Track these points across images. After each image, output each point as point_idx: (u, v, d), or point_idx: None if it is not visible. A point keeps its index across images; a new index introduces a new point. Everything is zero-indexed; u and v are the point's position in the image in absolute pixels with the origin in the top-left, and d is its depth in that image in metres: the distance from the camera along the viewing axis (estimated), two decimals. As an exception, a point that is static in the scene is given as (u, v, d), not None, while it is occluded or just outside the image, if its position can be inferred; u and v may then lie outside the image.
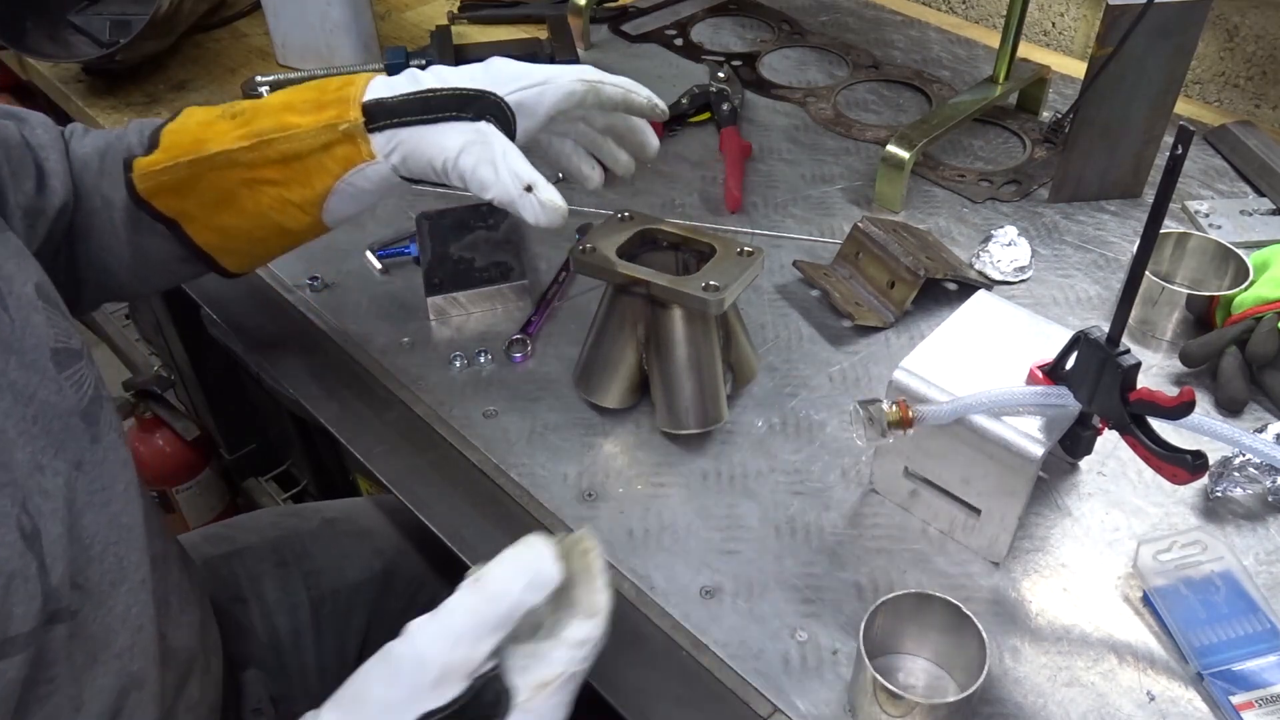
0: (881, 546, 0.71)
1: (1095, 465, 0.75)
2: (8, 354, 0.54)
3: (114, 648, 0.59)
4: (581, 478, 0.76)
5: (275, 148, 0.70)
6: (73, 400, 0.58)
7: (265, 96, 0.74)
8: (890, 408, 0.63)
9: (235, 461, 1.60)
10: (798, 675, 0.64)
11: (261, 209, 0.72)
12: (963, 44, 1.27)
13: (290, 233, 0.75)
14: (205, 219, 0.74)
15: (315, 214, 0.73)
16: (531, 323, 0.89)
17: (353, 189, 0.71)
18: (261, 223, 0.73)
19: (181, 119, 0.74)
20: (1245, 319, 0.79)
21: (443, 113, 0.69)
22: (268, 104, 0.73)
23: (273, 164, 0.71)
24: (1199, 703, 0.62)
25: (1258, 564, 0.69)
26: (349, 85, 0.70)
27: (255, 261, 0.81)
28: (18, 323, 0.56)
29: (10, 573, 0.49)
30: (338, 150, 0.69)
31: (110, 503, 0.59)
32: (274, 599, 0.91)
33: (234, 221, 0.74)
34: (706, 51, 1.28)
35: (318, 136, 0.69)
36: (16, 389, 0.54)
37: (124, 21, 1.26)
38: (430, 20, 1.38)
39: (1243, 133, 1.06)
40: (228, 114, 0.73)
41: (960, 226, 0.99)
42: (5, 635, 0.49)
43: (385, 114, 0.69)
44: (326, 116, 0.69)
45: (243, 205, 0.72)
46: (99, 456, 0.59)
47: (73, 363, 0.59)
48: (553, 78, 0.71)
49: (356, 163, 0.70)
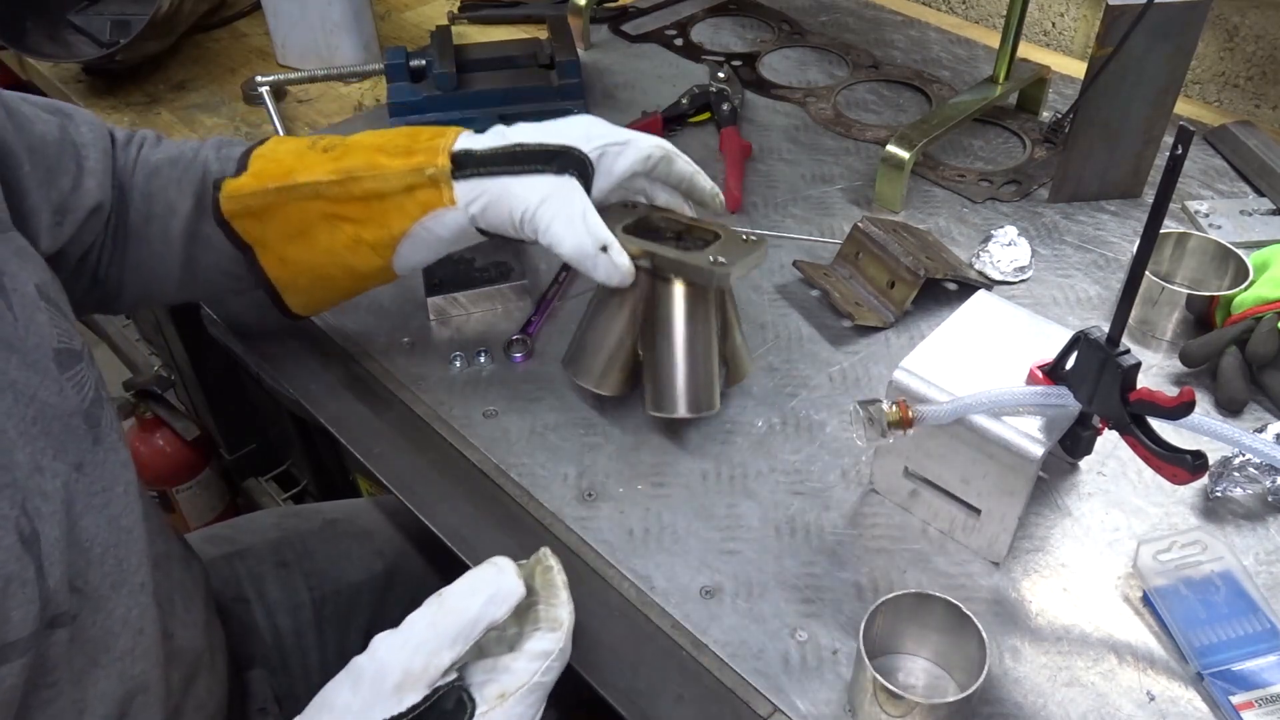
0: (881, 546, 0.71)
1: (1095, 465, 0.75)
2: (9, 353, 0.54)
3: (114, 651, 0.58)
4: (581, 478, 0.76)
5: (361, 185, 0.71)
6: (74, 401, 0.58)
7: (356, 136, 0.75)
8: (890, 408, 0.63)
9: (235, 461, 1.60)
10: (798, 675, 0.64)
11: (335, 246, 0.73)
12: (963, 44, 1.27)
13: (358, 274, 0.75)
14: (279, 249, 0.74)
15: (387, 257, 0.73)
16: (531, 323, 0.89)
17: (427, 235, 0.72)
18: (332, 260, 0.74)
19: (271, 145, 0.76)
20: (1245, 319, 0.79)
21: (529, 164, 0.70)
22: (359, 142, 0.74)
23: (356, 201, 0.71)
24: (1199, 703, 0.62)
25: (1258, 564, 0.69)
26: (440, 136, 0.72)
27: (315, 302, 0.81)
28: (21, 322, 0.56)
29: (7, 576, 0.49)
30: (420, 194, 0.71)
31: (110, 504, 0.59)
32: (276, 599, 0.91)
33: (306, 256, 0.74)
34: (706, 51, 1.28)
35: (403, 179, 0.70)
36: (17, 389, 0.54)
37: (124, 21, 1.26)
38: (430, 20, 1.38)
39: (1243, 133, 1.06)
40: (318, 146, 0.74)
41: (960, 226, 0.99)
42: (4, 640, 0.49)
43: (473, 163, 0.71)
44: (415, 161, 0.71)
45: (317, 239, 0.73)
46: (100, 458, 0.59)
47: (74, 364, 0.59)
48: (633, 140, 0.73)
49: (436, 207, 0.71)
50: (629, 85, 1.21)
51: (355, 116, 1.19)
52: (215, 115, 1.20)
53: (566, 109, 1.13)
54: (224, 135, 1.16)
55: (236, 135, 1.16)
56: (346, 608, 0.94)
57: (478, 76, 1.14)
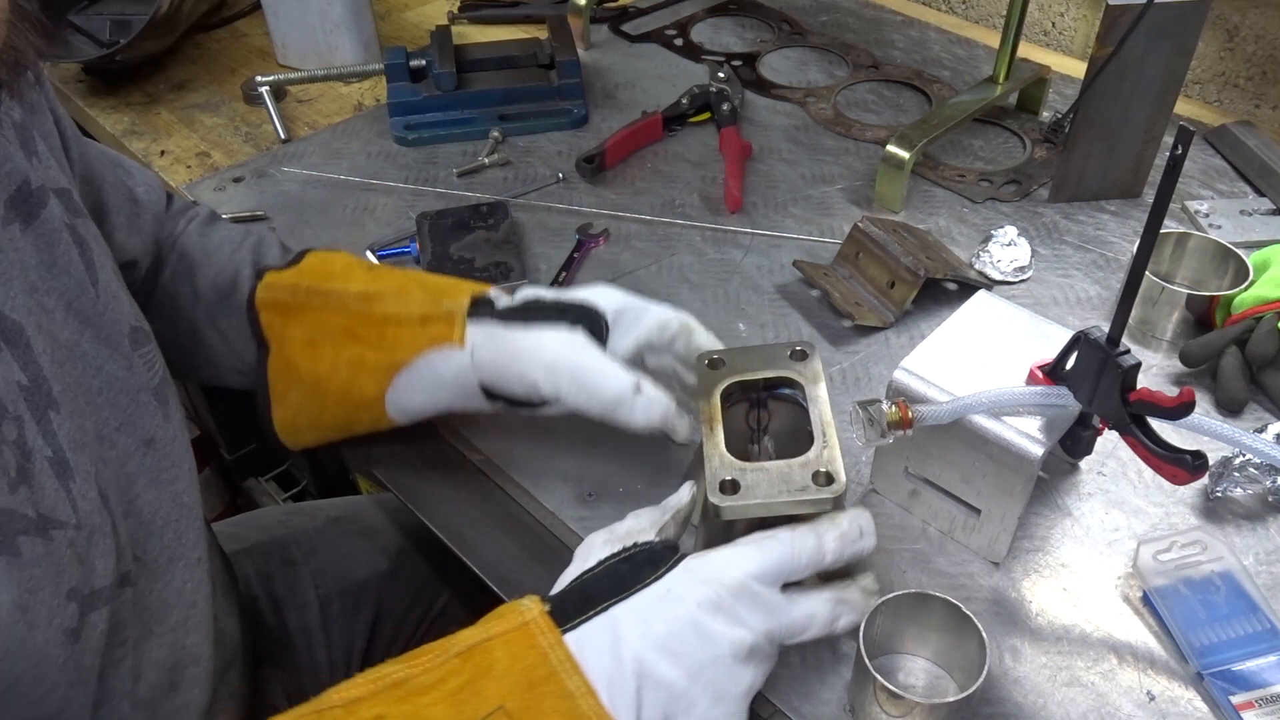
0: (881, 546, 0.71)
1: (1095, 465, 0.75)
2: (85, 326, 0.57)
3: (169, 621, 0.61)
4: (582, 478, 0.76)
5: (384, 306, 0.70)
6: (144, 378, 0.60)
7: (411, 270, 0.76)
8: (890, 408, 0.63)
9: (235, 461, 1.60)
10: (798, 675, 0.64)
11: (339, 361, 0.71)
12: (963, 44, 1.27)
13: (350, 401, 0.72)
14: (290, 353, 0.73)
15: (383, 385, 0.70)
16: (531, 323, 0.89)
17: (429, 372, 0.69)
18: (331, 377, 0.71)
19: (331, 253, 0.76)
20: (1245, 319, 0.79)
21: (541, 317, 0.69)
22: (404, 271, 0.74)
23: (375, 322, 0.70)
24: (1199, 703, 0.62)
25: (1258, 564, 0.69)
26: (479, 286, 0.72)
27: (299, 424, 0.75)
28: (102, 299, 0.59)
29: (93, 527, 0.52)
30: (433, 327, 0.69)
31: (176, 480, 0.61)
32: (283, 597, 0.91)
33: (309, 366, 0.72)
34: (706, 51, 1.28)
35: (423, 307, 0.70)
36: (87, 360, 0.57)
37: (124, 21, 1.26)
38: (430, 20, 1.38)
39: (1243, 133, 1.06)
40: (367, 265, 0.75)
41: (960, 226, 0.99)
42: (92, 587, 0.51)
43: (488, 310, 0.70)
44: (439, 296, 0.70)
45: (323, 353, 0.71)
46: (170, 435, 0.61)
47: (147, 342, 0.62)
48: (651, 306, 0.71)
49: (444, 343, 0.68)
50: (629, 85, 1.22)
51: (355, 116, 1.19)
52: (215, 115, 1.20)
53: (566, 109, 1.14)
54: (225, 137, 1.16)
55: (236, 135, 1.17)
56: (352, 605, 0.94)
57: (478, 76, 1.14)
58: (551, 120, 1.14)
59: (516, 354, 0.67)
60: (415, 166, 1.09)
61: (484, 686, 0.51)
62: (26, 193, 0.56)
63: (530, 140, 1.12)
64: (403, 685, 0.51)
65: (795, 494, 0.57)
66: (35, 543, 0.47)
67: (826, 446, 0.60)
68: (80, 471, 0.52)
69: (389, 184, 1.06)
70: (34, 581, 0.47)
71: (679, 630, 0.52)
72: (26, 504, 0.48)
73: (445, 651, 0.52)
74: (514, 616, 0.53)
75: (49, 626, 0.48)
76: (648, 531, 0.58)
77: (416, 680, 0.52)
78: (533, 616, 0.53)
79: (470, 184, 1.06)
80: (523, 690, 0.51)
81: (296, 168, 1.08)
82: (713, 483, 0.57)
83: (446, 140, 1.12)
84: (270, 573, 0.92)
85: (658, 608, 0.53)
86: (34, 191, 0.57)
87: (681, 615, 0.53)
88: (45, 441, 0.51)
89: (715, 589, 0.53)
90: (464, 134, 1.12)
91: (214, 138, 1.16)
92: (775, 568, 0.55)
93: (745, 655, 0.53)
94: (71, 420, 0.53)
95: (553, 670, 0.51)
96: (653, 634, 0.52)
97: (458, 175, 1.07)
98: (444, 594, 0.98)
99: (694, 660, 0.52)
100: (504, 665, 0.51)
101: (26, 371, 0.51)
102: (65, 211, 0.59)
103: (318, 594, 0.92)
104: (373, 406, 0.71)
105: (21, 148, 0.58)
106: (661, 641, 0.52)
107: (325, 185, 1.06)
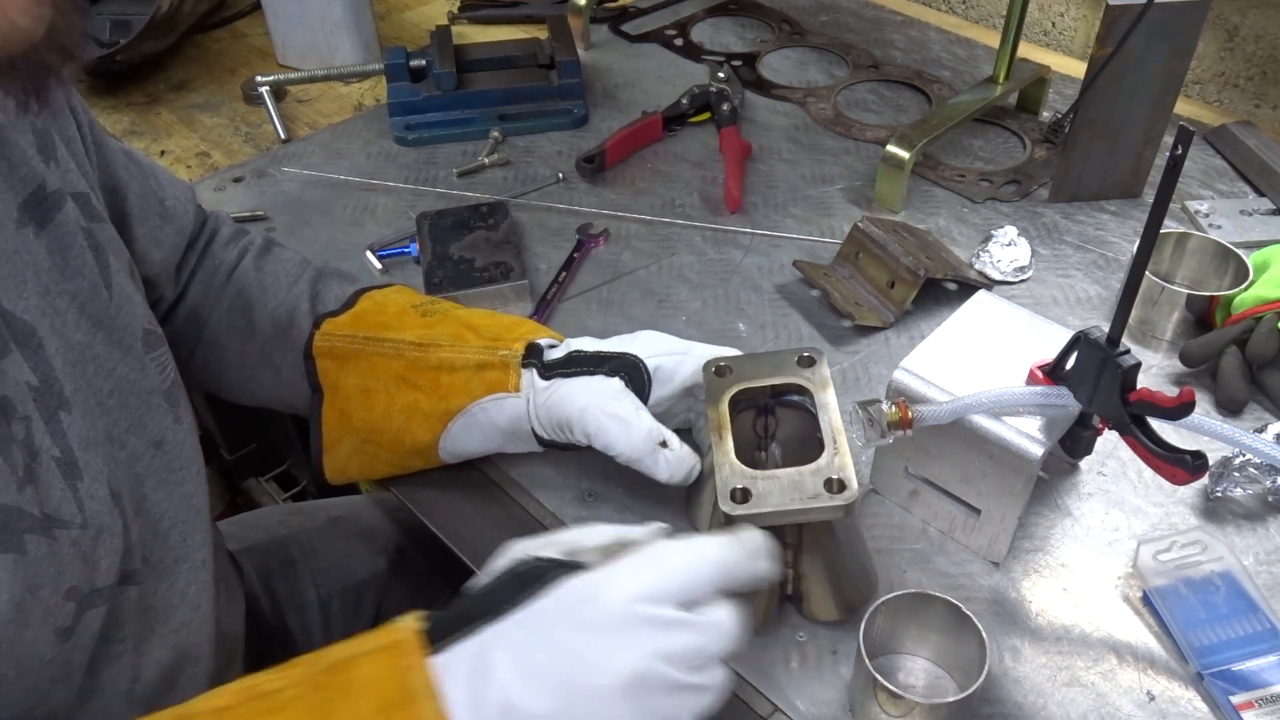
0: (881, 546, 0.71)
1: (1095, 465, 0.75)
2: (97, 328, 0.57)
3: (172, 622, 0.61)
4: (581, 478, 0.76)
5: (439, 353, 0.71)
6: (155, 380, 0.61)
7: (461, 309, 0.75)
8: (890, 408, 0.63)
9: (235, 461, 1.60)
10: (798, 675, 0.64)
11: (392, 409, 0.72)
12: (963, 44, 1.27)
13: (403, 448, 0.73)
14: (343, 402, 0.74)
15: (436, 432, 0.71)
16: (532, 323, 0.89)
17: (483, 417, 0.71)
18: (386, 424, 0.72)
19: (383, 294, 0.76)
20: (1245, 319, 0.79)
21: (582, 367, 0.70)
22: (456, 314, 0.74)
23: (430, 369, 0.71)
24: (1199, 703, 0.62)
25: (1258, 564, 0.69)
26: (535, 331, 0.73)
27: (349, 469, 0.76)
28: (115, 302, 0.59)
29: (101, 525, 0.52)
30: (489, 374, 0.70)
31: (185, 482, 0.62)
32: (283, 597, 0.91)
33: (363, 415, 0.73)
34: (706, 51, 1.28)
35: (478, 354, 0.71)
36: (99, 362, 0.57)
37: (124, 21, 1.26)
38: (430, 20, 1.38)
39: (1243, 133, 1.06)
40: (421, 309, 0.75)
41: (960, 226, 0.99)
42: (93, 586, 0.51)
43: (538, 358, 0.70)
44: (495, 342, 0.71)
45: (377, 400, 0.72)
46: (180, 437, 0.62)
47: (159, 345, 0.62)
48: (693, 349, 0.71)
49: (499, 390, 0.70)
50: (629, 85, 1.22)
51: (355, 116, 1.19)
52: (215, 115, 1.20)
53: (566, 109, 1.14)
54: (225, 137, 1.16)
55: (236, 135, 1.17)
56: (352, 606, 0.94)
57: (478, 76, 1.14)
58: (551, 120, 1.14)
59: (551, 403, 0.69)
60: (415, 166, 1.09)
61: (340, 707, 0.46)
62: (42, 196, 0.57)
63: (530, 140, 1.12)
64: (269, 698, 0.47)
65: (807, 501, 0.57)
66: (40, 541, 0.48)
67: (838, 453, 0.59)
68: (89, 471, 0.53)
69: (389, 184, 1.06)
70: (35, 579, 0.47)
71: (552, 657, 0.46)
72: (33, 503, 0.48)
73: (315, 664, 0.48)
74: (388, 634, 0.48)
75: (41, 625, 0.48)
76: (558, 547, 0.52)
77: (282, 694, 0.47)
78: (405, 635, 0.48)
79: (470, 184, 1.06)
80: (373, 714, 0.46)
81: (296, 168, 1.08)
82: (724, 491, 0.57)
83: (446, 140, 1.12)
84: (270, 572, 0.92)
85: (532, 630, 0.47)
86: (50, 195, 0.57)
87: (558, 639, 0.47)
88: (54, 441, 0.51)
89: (600, 609, 0.47)
90: (464, 134, 1.12)
91: (214, 138, 1.17)
92: (672, 587, 0.48)
93: (630, 685, 0.45)
94: (83, 420, 0.54)
95: (410, 695, 0.46)
96: (523, 661, 0.46)
97: (458, 175, 1.07)
98: (444, 594, 0.98)
99: (569, 690, 0.46)
100: (361, 686, 0.47)
101: (37, 372, 0.52)
102: (82, 215, 0.59)
103: (318, 594, 0.92)
104: (425, 451, 0.73)
105: (40, 152, 0.58)
106: (531, 669, 0.46)
107: (325, 185, 1.06)
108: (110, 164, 0.70)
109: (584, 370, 0.70)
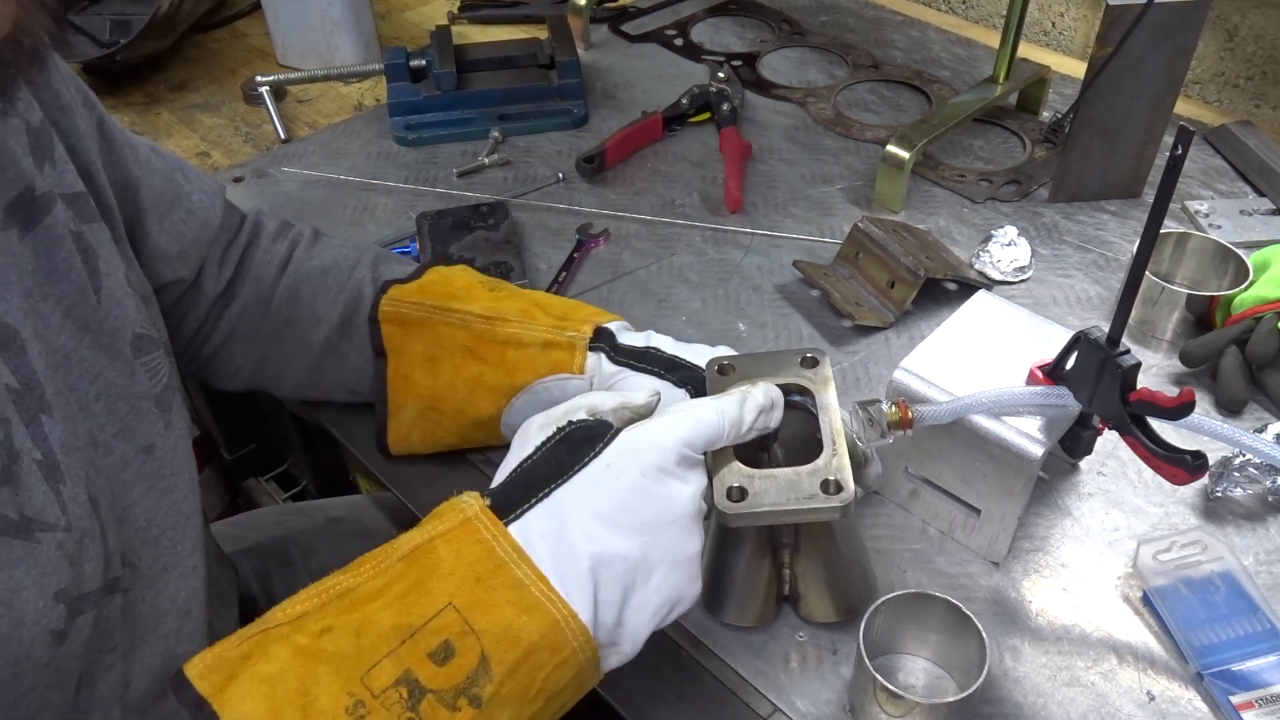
0: (881, 546, 0.71)
1: (1095, 465, 0.75)
2: (84, 333, 0.57)
3: (161, 629, 0.60)
4: (581, 478, 0.76)
5: (507, 328, 0.71)
6: (145, 385, 0.60)
7: (529, 291, 0.75)
8: (890, 408, 0.63)
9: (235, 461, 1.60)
10: (798, 675, 0.64)
11: (457, 380, 0.72)
12: (963, 44, 1.27)
13: (466, 419, 0.73)
14: (408, 367, 0.74)
15: (500, 405, 0.72)
16: (531, 323, 0.89)
17: (546, 396, 0.70)
18: (451, 393, 0.73)
19: (450, 269, 0.77)
20: (1245, 319, 0.79)
21: (653, 366, 0.69)
22: (525, 293, 0.75)
23: (496, 343, 0.71)
24: (1199, 703, 0.62)
25: (1258, 564, 0.69)
26: (598, 314, 0.73)
27: (414, 438, 0.76)
28: (104, 306, 0.59)
29: (83, 530, 0.52)
30: (555, 354, 0.70)
31: (175, 488, 0.61)
32: (281, 597, 0.91)
33: (428, 382, 0.73)
34: (706, 51, 1.28)
35: (546, 333, 0.71)
36: (85, 366, 0.56)
37: (124, 21, 1.26)
38: (430, 20, 1.38)
39: (1243, 133, 1.06)
40: (488, 285, 0.75)
41: (960, 226, 0.99)
42: (81, 590, 0.51)
43: (609, 343, 0.70)
44: (563, 323, 0.71)
45: (442, 369, 0.73)
46: (171, 443, 0.61)
47: (151, 350, 0.61)
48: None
49: (564, 370, 0.70)
50: (629, 85, 1.22)
51: (355, 116, 1.19)
52: (215, 115, 1.20)
53: (566, 109, 1.14)
54: (225, 137, 1.16)
55: (236, 135, 1.17)
56: None
57: (478, 76, 1.14)
58: (551, 120, 1.14)
59: (615, 390, 0.68)
60: (415, 166, 1.09)
61: (431, 586, 0.50)
62: (28, 199, 0.56)
63: (530, 140, 1.12)
64: (348, 595, 0.51)
65: (803, 501, 0.57)
66: (15, 544, 0.47)
67: (836, 455, 0.59)
68: (71, 475, 0.52)
69: (389, 184, 1.06)
70: (15, 581, 0.47)
71: (626, 501, 0.52)
72: (9, 505, 0.48)
73: (388, 557, 0.52)
74: (455, 514, 0.52)
75: (35, 626, 0.48)
76: (582, 411, 0.57)
77: (362, 589, 0.51)
78: (474, 512, 0.52)
79: (470, 184, 1.06)
80: (470, 585, 0.50)
81: (296, 168, 1.08)
82: (720, 489, 0.57)
83: (446, 140, 1.12)
84: (268, 573, 0.92)
85: (601, 483, 0.53)
86: (38, 198, 0.57)
87: (626, 486, 0.53)
88: (35, 444, 0.51)
89: (657, 454, 0.53)
90: (464, 134, 1.12)
91: (214, 138, 1.17)
92: (705, 435, 0.56)
93: (695, 514, 0.54)
94: (64, 424, 0.53)
95: (500, 562, 0.50)
96: (599, 511, 0.52)
97: (458, 175, 1.07)
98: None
99: (647, 528, 0.52)
100: (449, 563, 0.51)
101: (18, 375, 0.51)
102: (73, 217, 0.59)
103: None
104: (488, 425, 0.73)
105: (32, 153, 0.58)
106: (609, 516, 0.52)
107: (325, 185, 1.06)
108: (121, 160, 0.69)
109: (655, 371, 0.69)
